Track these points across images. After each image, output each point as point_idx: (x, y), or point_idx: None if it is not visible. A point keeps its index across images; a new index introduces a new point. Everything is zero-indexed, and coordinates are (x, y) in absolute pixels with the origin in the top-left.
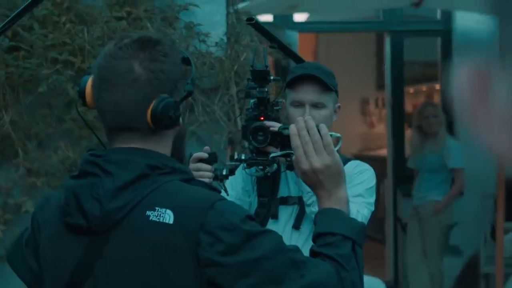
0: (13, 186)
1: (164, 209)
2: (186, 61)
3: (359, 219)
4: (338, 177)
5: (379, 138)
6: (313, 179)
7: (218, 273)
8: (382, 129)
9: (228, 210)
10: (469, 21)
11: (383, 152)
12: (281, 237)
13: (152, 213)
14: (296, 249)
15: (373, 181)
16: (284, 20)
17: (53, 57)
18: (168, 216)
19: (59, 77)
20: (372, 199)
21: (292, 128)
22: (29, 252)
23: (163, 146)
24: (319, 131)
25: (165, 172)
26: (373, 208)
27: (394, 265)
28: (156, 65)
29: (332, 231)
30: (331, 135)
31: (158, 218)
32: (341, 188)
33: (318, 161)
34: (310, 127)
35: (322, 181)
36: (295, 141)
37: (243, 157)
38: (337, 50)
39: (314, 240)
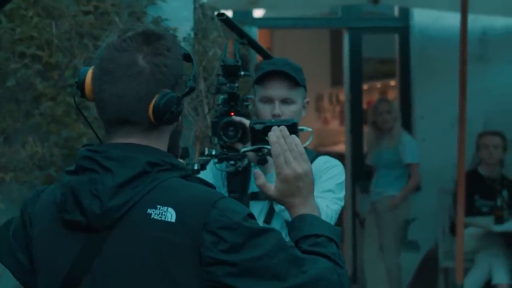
0: None
1: (166, 208)
2: (186, 57)
3: (329, 214)
4: (312, 185)
5: (333, 135)
6: (293, 186)
7: (221, 271)
8: (336, 125)
9: (230, 209)
10: (426, 18)
11: (338, 148)
12: (281, 234)
13: (153, 211)
14: (294, 246)
15: (342, 177)
16: (243, 16)
17: (21, 51)
18: (170, 215)
19: (27, 71)
20: (342, 194)
21: (272, 136)
22: (18, 245)
23: (161, 142)
24: None
25: (165, 169)
26: (343, 203)
27: (352, 261)
28: (160, 59)
29: (317, 233)
30: (302, 129)
31: (160, 217)
32: (313, 196)
33: (299, 167)
34: (285, 136)
35: (301, 187)
36: (276, 149)
37: (213, 153)
38: (292, 46)
39: (297, 242)
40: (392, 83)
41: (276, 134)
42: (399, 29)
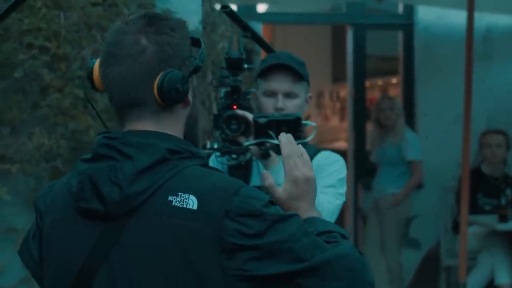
0: None
1: (187, 195)
2: (195, 42)
3: (331, 209)
4: (315, 193)
5: (334, 131)
6: (301, 189)
7: (244, 256)
8: (336, 122)
9: (252, 196)
10: (431, 16)
11: (338, 145)
12: (302, 219)
13: (174, 199)
14: (315, 232)
15: (344, 172)
16: (248, 10)
17: (28, 42)
18: (191, 202)
19: (35, 62)
20: (343, 190)
21: (283, 137)
22: (35, 243)
23: (174, 126)
24: None
25: (185, 157)
26: (344, 199)
27: None
28: (162, 38)
29: (329, 229)
30: (306, 124)
31: (181, 204)
32: (314, 204)
33: (309, 171)
34: (293, 142)
35: (308, 192)
36: (287, 150)
37: (215, 146)
38: (293, 42)
39: None
40: (394, 80)
41: (287, 137)
42: (403, 26)
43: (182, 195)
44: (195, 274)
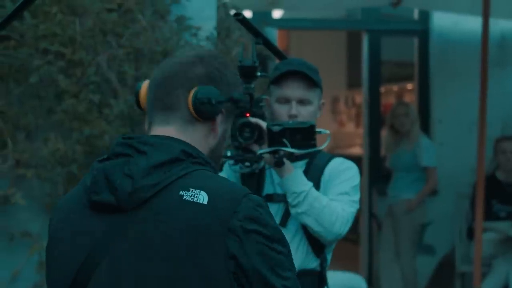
0: (0, 177)
1: (198, 190)
2: (235, 101)
3: (346, 217)
4: None
5: (349, 137)
6: None
7: (243, 255)
8: (352, 128)
9: (260, 204)
10: (446, 22)
11: (353, 150)
12: None
13: (186, 193)
14: None
15: (357, 179)
16: (263, 16)
17: (44, 47)
18: (202, 197)
19: (50, 68)
20: (357, 197)
21: None
22: None
23: (197, 142)
24: None
25: (198, 162)
26: (358, 206)
27: (368, 264)
28: (213, 64)
29: None
30: (320, 132)
31: (192, 198)
32: None
33: None
34: None
35: None
36: None
37: (229, 154)
38: (308, 48)
39: None
40: (409, 86)
41: None
42: (418, 32)
43: (194, 190)
44: (200, 267)
